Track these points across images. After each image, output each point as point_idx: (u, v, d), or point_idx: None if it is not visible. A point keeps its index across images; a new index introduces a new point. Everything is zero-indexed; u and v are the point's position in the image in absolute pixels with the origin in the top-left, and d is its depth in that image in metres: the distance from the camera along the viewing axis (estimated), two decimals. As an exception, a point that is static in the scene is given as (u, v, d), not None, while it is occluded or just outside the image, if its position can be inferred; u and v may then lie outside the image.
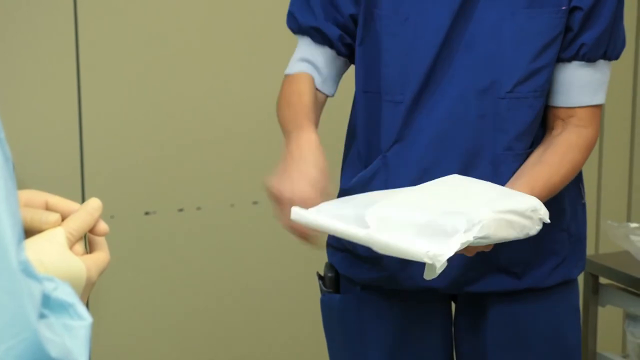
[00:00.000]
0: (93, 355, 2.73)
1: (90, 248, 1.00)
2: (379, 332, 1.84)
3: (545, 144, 1.74)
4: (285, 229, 1.58)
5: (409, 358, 1.85)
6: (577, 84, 1.74)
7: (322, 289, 1.91)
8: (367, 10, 1.75)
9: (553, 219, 1.76)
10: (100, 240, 1.00)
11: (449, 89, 1.71)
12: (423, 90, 1.71)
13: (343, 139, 1.90)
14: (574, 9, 1.69)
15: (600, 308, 2.63)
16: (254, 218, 2.99)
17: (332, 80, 1.83)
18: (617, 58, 1.76)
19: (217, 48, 2.90)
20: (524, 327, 1.82)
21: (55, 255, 0.92)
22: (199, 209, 2.96)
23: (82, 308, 0.82)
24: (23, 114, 2.73)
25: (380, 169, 1.76)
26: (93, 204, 0.98)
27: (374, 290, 1.84)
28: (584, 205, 1.88)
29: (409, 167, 1.73)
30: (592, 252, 3.34)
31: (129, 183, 2.87)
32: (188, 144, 2.91)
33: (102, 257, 0.99)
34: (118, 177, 2.85)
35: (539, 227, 1.55)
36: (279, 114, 1.79)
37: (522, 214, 1.51)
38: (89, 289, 0.96)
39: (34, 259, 0.81)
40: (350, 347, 1.88)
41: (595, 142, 1.77)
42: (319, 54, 1.81)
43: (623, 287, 2.54)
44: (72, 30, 2.75)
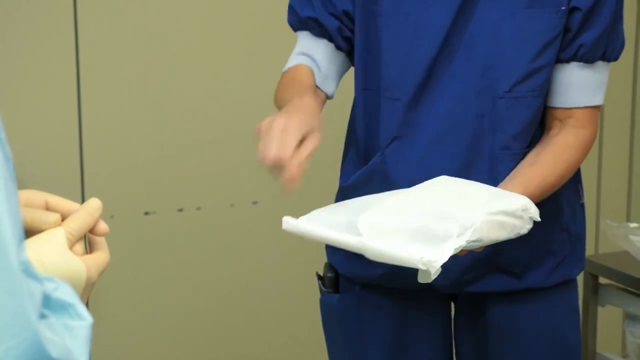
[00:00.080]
0: (93, 355, 2.72)
1: (90, 248, 1.00)
2: (379, 331, 1.84)
3: (542, 144, 1.74)
4: (260, 162, 1.55)
5: (409, 358, 1.85)
6: (575, 85, 1.73)
7: (321, 289, 1.91)
8: (364, 7, 1.75)
9: (551, 220, 1.76)
10: (100, 240, 1.00)
11: (449, 88, 1.71)
12: (422, 89, 1.71)
13: (343, 139, 1.91)
14: (574, 10, 1.69)
15: (600, 308, 2.63)
16: (254, 218, 2.99)
17: (332, 79, 1.82)
18: (616, 59, 1.76)
19: (217, 48, 2.90)
20: (524, 327, 1.82)
21: (56, 256, 0.92)
22: (199, 209, 2.96)
23: (82, 308, 0.82)
24: (23, 114, 2.73)
25: (379, 166, 1.76)
26: (93, 204, 0.98)
27: (374, 290, 1.84)
28: (583, 206, 1.88)
29: (408, 164, 1.73)
30: (591, 252, 3.33)
31: (129, 183, 2.87)
32: (188, 144, 2.91)
33: (102, 257, 0.99)
34: (118, 177, 2.85)
35: (530, 225, 1.55)
36: (277, 97, 1.76)
37: (512, 214, 1.52)
38: (89, 289, 0.96)
39: (34, 259, 0.80)
40: (350, 347, 1.88)
41: (593, 142, 1.77)
42: (318, 47, 1.80)
43: (623, 287, 2.54)
44: (72, 30, 2.75)
